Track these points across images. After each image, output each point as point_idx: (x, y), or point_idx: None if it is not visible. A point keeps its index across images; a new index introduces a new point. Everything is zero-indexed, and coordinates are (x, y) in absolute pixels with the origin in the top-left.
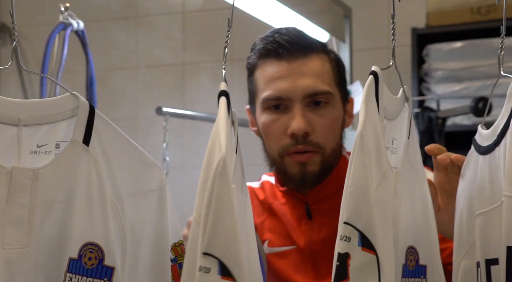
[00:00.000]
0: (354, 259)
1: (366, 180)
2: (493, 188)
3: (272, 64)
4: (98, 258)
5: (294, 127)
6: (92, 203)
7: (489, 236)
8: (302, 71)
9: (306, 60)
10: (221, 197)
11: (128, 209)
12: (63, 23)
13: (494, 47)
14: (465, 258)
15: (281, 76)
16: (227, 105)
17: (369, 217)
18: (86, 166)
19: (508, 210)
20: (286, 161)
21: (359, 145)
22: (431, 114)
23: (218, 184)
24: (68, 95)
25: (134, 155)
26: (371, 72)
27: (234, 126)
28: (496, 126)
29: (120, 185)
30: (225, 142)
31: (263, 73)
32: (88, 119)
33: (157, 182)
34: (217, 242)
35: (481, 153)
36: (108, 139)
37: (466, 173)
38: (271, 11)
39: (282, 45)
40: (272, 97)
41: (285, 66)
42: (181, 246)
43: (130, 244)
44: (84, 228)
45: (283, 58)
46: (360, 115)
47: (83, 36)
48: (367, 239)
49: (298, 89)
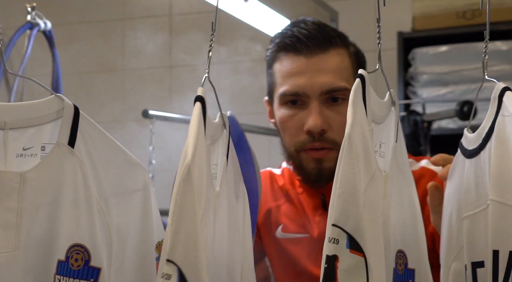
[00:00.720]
0: (342, 261)
1: (355, 182)
2: (479, 191)
3: (290, 58)
4: (84, 259)
5: (310, 124)
6: (78, 205)
7: (475, 239)
8: (320, 67)
9: (325, 55)
10: (182, 204)
11: (113, 210)
12: (30, 22)
13: (479, 51)
14: (455, 261)
15: (299, 72)
16: (201, 111)
17: (358, 219)
18: (72, 168)
19: (493, 215)
20: (302, 157)
21: (347, 147)
22: (417, 117)
23: (181, 191)
24: (53, 97)
25: (118, 155)
26: (358, 75)
27: (225, 129)
28: (481, 130)
29: (105, 186)
30: (192, 149)
31: (281, 67)
32: (73, 121)
33: (141, 181)
34: (178, 250)
35: (467, 156)
36: (93, 140)
37: (453, 176)
38: (258, 15)
39: (301, 40)
40: (289, 93)
41: (303, 62)
42: None
43: (115, 244)
44: (70, 229)
45: (302, 53)
46: (347, 118)
47: (50, 36)
48: (355, 241)
49: (315, 85)
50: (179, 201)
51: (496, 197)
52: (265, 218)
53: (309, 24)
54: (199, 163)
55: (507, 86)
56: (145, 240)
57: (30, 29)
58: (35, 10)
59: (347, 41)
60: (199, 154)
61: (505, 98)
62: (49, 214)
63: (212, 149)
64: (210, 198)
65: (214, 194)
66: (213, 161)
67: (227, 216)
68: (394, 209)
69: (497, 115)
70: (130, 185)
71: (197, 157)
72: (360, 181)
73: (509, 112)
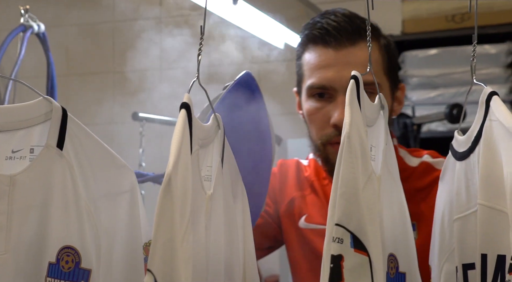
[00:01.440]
0: (347, 260)
1: (355, 182)
2: (469, 193)
3: (318, 51)
4: (75, 261)
5: (336, 118)
6: (67, 207)
7: (466, 241)
8: (349, 61)
9: (354, 48)
10: (161, 215)
11: (101, 211)
12: (23, 25)
13: (469, 54)
14: (447, 262)
15: (327, 65)
16: (186, 118)
17: (360, 218)
18: (61, 170)
19: (481, 219)
20: (328, 150)
21: (346, 147)
22: (407, 120)
23: (159, 202)
24: (41, 99)
25: (105, 157)
26: (352, 76)
27: (220, 130)
28: (470, 133)
29: (93, 188)
30: (173, 159)
31: (309, 59)
32: (61, 123)
33: (128, 183)
34: (155, 259)
35: (458, 158)
36: (81, 143)
37: (445, 178)
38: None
39: (329, 32)
40: (316, 86)
41: (332, 55)
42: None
43: (104, 246)
44: (60, 232)
45: (330, 46)
46: (345, 117)
47: (44, 39)
48: (359, 240)
49: (343, 79)
50: (158, 211)
51: (484, 201)
52: (288, 207)
53: (339, 16)
54: (182, 171)
55: (494, 91)
56: (132, 241)
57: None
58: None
59: (378, 34)
60: (183, 162)
61: (492, 103)
62: (39, 217)
63: (204, 152)
64: (200, 202)
65: (206, 198)
66: (207, 163)
67: (224, 218)
68: (385, 212)
69: (485, 120)
70: (117, 187)
71: (180, 165)
72: (360, 180)
73: (496, 117)
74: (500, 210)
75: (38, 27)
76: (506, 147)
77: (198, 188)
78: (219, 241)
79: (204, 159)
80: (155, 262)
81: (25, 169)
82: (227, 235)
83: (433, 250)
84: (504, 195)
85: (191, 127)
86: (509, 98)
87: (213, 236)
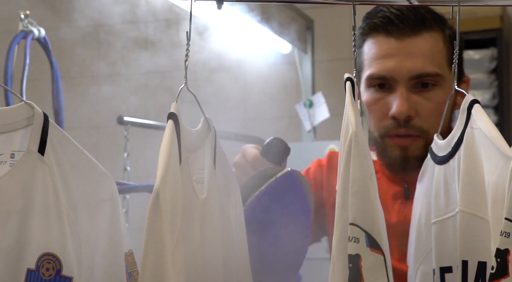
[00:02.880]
0: (365, 260)
1: (365, 180)
2: (448, 198)
3: (380, 40)
4: (55, 268)
5: (396, 110)
6: (48, 213)
7: (444, 245)
8: (411, 51)
9: (417, 38)
10: (150, 232)
11: (82, 219)
12: (24, 31)
13: None
14: (423, 264)
15: (388, 55)
16: (173, 129)
17: (374, 218)
18: (42, 176)
19: (462, 225)
20: (386, 143)
21: (355, 145)
22: None
23: (148, 218)
24: (23, 104)
25: (86, 164)
26: (348, 78)
27: (211, 131)
28: (451, 138)
29: (74, 195)
30: (161, 173)
31: (370, 48)
32: (43, 129)
33: (109, 191)
34: (146, 276)
35: (437, 162)
36: (62, 149)
37: (423, 179)
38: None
39: (392, 21)
40: (376, 76)
41: (394, 44)
42: (131, 255)
43: (85, 254)
44: (41, 238)
45: (392, 35)
46: (350, 116)
47: (45, 43)
48: (374, 239)
49: (404, 69)
50: (147, 228)
51: (465, 208)
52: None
53: None
54: (171, 184)
55: (475, 99)
56: (114, 250)
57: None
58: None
59: (444, 24)
60: (172, 174)
61: (473, 111)
62: (19, 222)
63: (195, 156)
64: (193, 208)
65: (199, 202)
66: (199, 166)
67: (219, 220)
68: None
69: (466, 127)
70: (98, 194)
71: (169, 178)
72: (371, 179)
73: (477, 126)
74: (481, 217)
75: (39, 31)
76: (487, 156)
77: (190, 195)
78: (216, 245)
79: (195, 162)
80: (146, 279)
81: (5, 174)
82: (224, 237)
83: (410, 251)
84: (485, 203)
85: (179, 136)
86: (493, 103)
87: (209, 240)
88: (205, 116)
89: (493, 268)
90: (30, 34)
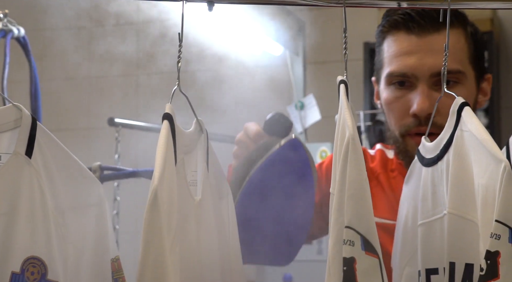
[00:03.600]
0: (359, 263)
1: (362, 183)
2: (435, 200)
3: (400, 37)
4: (41, 272)
5: (417, 107)
6: (34, 216)
7: (430, 246)
8: (432, 48)
9: (438, 35)
10: (150, 231)
11: (69, 223)
12: (3, 30)
13: None
14: (408, 265)
15: (409, 52)
16: (169, 130)
17: (369, 221)
18: (29, 179)
19: (450, 227)
20: (407, 142)
21: (352, 149)
22: (382, 127)
23: (147, 218)
24: (11, 106)
25: (74, 168)
26: (341, 81)
27: (203, 134)
28: (439, 140)
29: (61, 199)
30: (159, 173)
31: (390, 45)
32: (31, 131)
33: (96, 196)
34: (146, 276)
35: (425, 164)
36: (50, 152)
37: (410, 182)
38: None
39: (413, 18)
40: (397, 73)
41: (414, 41)
42: (118, 261)
43: (71, 259)
44: (26, 241)
45: (413, 32)
46: (347, 119)
47: (25, 43)
48: (369, 242)
49: (425, 66)
50: (146, 227)
51: (453, 210)
52: None
53: None
54: (168, 183)
55: (465, 101)
56: (100, 255)
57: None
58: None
59: (465, 21)
60: (168, 174)
61: (463, 113)
62: (5, 225)
63: (189, 158)
64: (188, 210)
65: (195, 204)
66: (192, 168)
67: (214, 222)
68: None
69: (455, 129)
70: (85, 199)
71: (165, 178)
72: (367, 182)
73: (467, 128)
74: (469, 219)
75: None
76: (477, 159)
77: (186, 196)
78: (212, 246)
79: (189, 164)
80: (146, 279)
81: None
82: (220, 239)
83: (395, 252)
84: (474, 205)
85: (175, 137)
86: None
87: (204, 241)
88: (197, 118)
89: (483, 270)
90: (9, 33)
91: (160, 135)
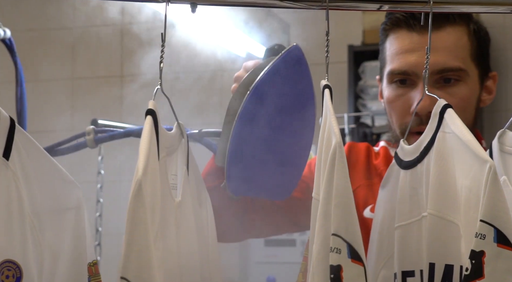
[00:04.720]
0: (346, 271)
1: (349, 191)
2: (413, 202)
3: (402, 35)
4: (16, 276)
5: (418, 106)
6: (10, 219)
7: (407, 249)
8: (433, 45)
9: (440, 32)
10: (134, 221)
11: (46, 227)
12: None
13: None
14: (384, 268)
15: (410, 49)
16: (153, 125)
17: (355, 229)
18: (6, 181)
19: (430, 228)
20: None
21: (339, 156)
22: (366, 130)
23: (132, 208)
24: None
25: (52, 171)
26: (326, 85)
27: (184, 138)
28: (419, 143)
29: (38, 202)
30: (142, 165)
31: (392, 43)
32: (9, 133)
33: (75, 200)
34: (131, 267)
35: (403, 167)
36: (28, 155)
37: (387, 185)
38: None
39: (414, 15)
40: (398, 71)
41: (416, 39)
42: (95, 266)
43: (47, 262)
44: (2, 244)
45: (414, 29)
46: (333, 126)
47: (11, 45)
48: (355, 250)
49: None
50: (130, 218)
51: (434, 211)
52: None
53: None
54: (151, 177)
55: (448, 104)
56: (77, 259)
57: None
58: None
59: (468, 18)
60: (151, 168)
61: (446, 115)
62: None
63: (170, 160)
64: (169, 209)
65: (175, 205)
66: (172, 172)
67: (195, 223)
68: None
69: (437, 131)
70: (63, 203)
71: (149, 171)
72: (351, 190)
73: (451, 129)
74: (450, 220)
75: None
76: (460, 160)
77: (167, 194)
78: (191, 248)
79: (170, 167)
80: (130, 270)
81: None
82: (199, 240)
83: (370, 256)
84: (454, 206)
85: (158, 133)
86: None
87: (184, 243)
88: (178, 121)
89: (468, 270)
90: None
91: (143, 129)
